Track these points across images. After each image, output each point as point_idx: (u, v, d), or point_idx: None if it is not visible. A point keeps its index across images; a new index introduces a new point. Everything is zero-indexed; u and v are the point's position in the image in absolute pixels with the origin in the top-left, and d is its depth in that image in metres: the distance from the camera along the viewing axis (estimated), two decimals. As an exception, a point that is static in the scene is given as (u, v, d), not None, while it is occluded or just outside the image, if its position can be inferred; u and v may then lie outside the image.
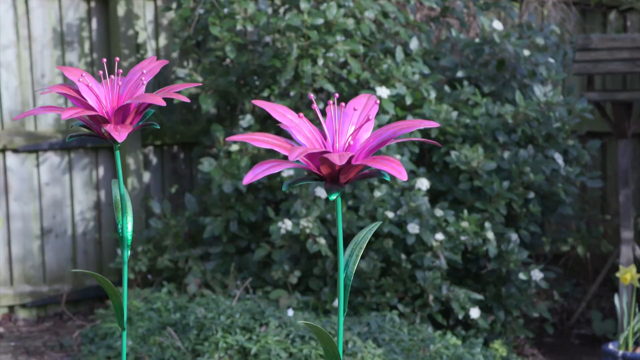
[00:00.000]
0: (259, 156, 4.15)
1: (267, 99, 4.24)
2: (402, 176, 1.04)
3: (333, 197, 1.11)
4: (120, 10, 4.53)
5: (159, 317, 3.61)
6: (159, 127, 1.43)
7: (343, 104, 1.15)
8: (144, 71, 1.43)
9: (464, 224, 3.82)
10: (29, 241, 4.49)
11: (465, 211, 3.89)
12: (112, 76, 1.44)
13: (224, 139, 4.26)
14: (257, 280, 4.04)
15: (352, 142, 1.13)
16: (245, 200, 4.17)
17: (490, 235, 3.85)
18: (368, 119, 1.13)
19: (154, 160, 4.76)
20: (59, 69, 1.49)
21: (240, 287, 3.92)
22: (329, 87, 4.09)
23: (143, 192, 4.64)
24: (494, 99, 4.42)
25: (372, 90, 4.11)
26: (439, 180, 4.14)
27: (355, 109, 1.15)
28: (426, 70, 4.23)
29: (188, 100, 1.33)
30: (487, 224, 3.89)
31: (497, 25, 4.43)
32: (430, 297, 3.79)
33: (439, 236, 3.79)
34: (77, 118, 1.44)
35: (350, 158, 1.09)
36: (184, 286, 4.06)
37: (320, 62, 4.09)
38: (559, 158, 4.17)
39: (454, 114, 4.13)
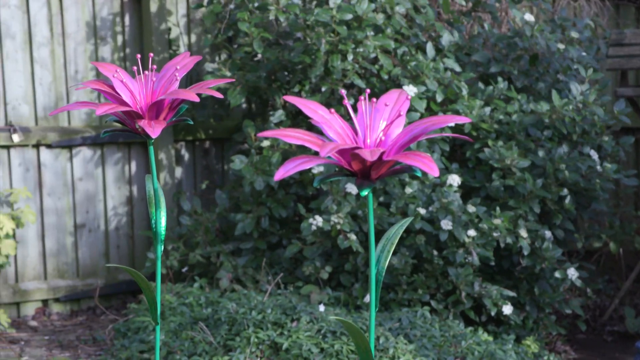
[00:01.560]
0: (290, 152, 4.15)
1: (298, 94, 4.24)
2: (434, 172, 1.04)
3: (364, 192, 1.11)
4: (153, 5, 4.55)
5: (190, 311, 3.63)
6: (192, 123, 1.44)
7: (375, 99, 1.15)
8: (178, 67, 1.44)
9: (497, 221, 3.81)
10: (62, 236, 4.52)
11: (498, 209, 3.87)
12: (146, 72, 1.45)
13: (256, 135, 4.28)
14: (288, 276, 4.05)
15: (383, 138, 1.13)
16: (276, 196, 4.17)
17: (523, 233, 3.83)
18: (399, 115, 1.13)
19: (185, 155, 4.78)
20: (94, 64, 1.50)
21: (271, 282, 3.93)
22: (360, 83, 4.09)
23: (175, 187, 4.66)
24: (527, 94, 4.39)
25: (403, 87, 4.10)
26: (471, 176, 4.13)
27: (386, 105, 1.16)
28: (457, 68, 4.22)
29: (221, 96, 1.34)
30: (520, 222, 3.87)
31: (529, 17, 4.40)
32: (463, 294, 3.78)
33: (472, 232, 3.77)
34: (111, 113, 1.45)
35: (382, 154, 1.09)
36: (215, 281, 4.08)
37: (350, 57, 4.08)
38: (594, 155, 4.14)
39: (487, 109, 4.12)
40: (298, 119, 4.37)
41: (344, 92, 1.14)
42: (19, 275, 4.43)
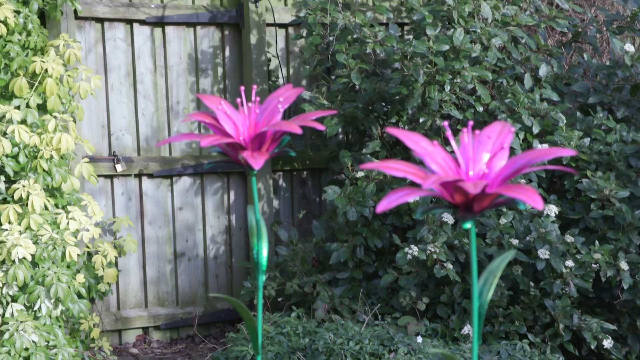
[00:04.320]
0: (385, 182, 4.16)
1: (396, 125, 4.25)
2: (538, 205, 1.03)
3: (467, 225, 1.11)
4: (253, 38, 4.62)
5: (288, 341, 3.65)
6: (294, 155, 1.46)
7: (477, 131, 1.15)
8: (281, 99, 1.46)
9: (597, 255, 3.75)
10: (162, 264, 4.59)
11: (597, 242, 3.81)
12: (250, 104, 1.47)
13: (352, 165, 4.30)
14: (384, 306, 4.04)
15: (486, 171, 1.13)
16: (372, 226, 4.18)
17: (624, 265, 3.77)
18: (502, 148, 1.13)
19: (283, 185, 4.82)
20: (198, 97, 1.53)
21: (368, 312, 3.92)
22: (457, 114, 4.08)
23: (273, 216, 4.70)
24: (627, 124, 4.33)
25: (498, 118, 4.09)
26: (570, 207, 4.08)
27: (489, 137, 1.16)
28: (555, 97, 4.19)
29: (323, 128, 1.35)
30: (620, 254, 3.80)
31: (629, 47, 4.35)
32: (561, 327, 3.72)
33: (569, 263, 3.72)
34: (215, 145, 1.48)
35: (485, 186, 1.09)
36: (312, 311, 4.09)
37: (447, 88, 4.08)
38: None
39: (586, 140, 4.07)
40: (395, 150, 4.38)
41: (446, 123, 1.14)
42: (121, 303, 4.51)
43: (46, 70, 3.81)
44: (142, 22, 4.49)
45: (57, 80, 3.85)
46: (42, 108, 3.91)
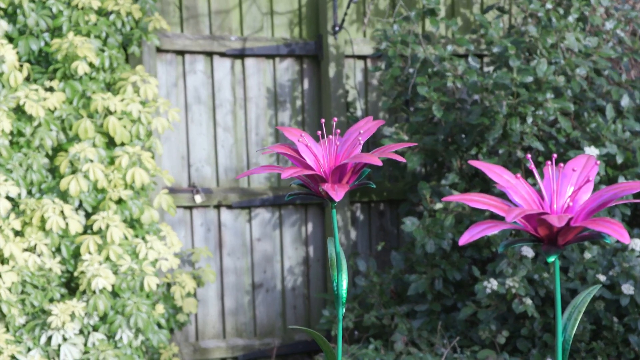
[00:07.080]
0: (464, 214, 4.13)
1: (475, 157, 4.23)
2: (625, 238, 1.02)
3: (551, 259, 1.09)
4: (331, 70, 4.64)
5: (365, 373, 3.63)
6: (374, 187, 1.46)
7: (562, 164, 1.14)
8: (361, 131, 1.46)
9: None
10: (240, 295, 4.61)
11: None
12: (330, 136, 1.48)
13: (431, 197, 4.28)
14: (463, 339, 4.01)
15: (571, 204, 1.12)
16: (450, 258, 4.15)
17: None
18: (588, 180, 1.12)
19: (361, 216, 4.82)
20: (279, 129, 1.54)
21: (447, 345, 3.89)
22: (538, 146, 4.04)
23: (350, 248, 4.69)
24: None
25: (581, 149, 4.03)
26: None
27: (574, 170, 1.14)
28: (638, 128, 4.12)
29: (403, 160, 1.35)
30: None
31: None
32: (646, 363, 3.65)
33: (654, 299, 3.65)
34: (295, 177, 1.48)
35: (570, 220, 1.08)
36: (390, 343, 4.07)
37: (529, 120, 4.05)
38: None
39: (671, 172, 4.00)
40: (474, 181, 4.35)
41: (529, 156, 1.13)
42: (199, 334, 4.54)
43: (108, 108, 3.87)
44: (223, 55, 4.54)
45: (130, 115, 3.90)
46: (114, 144, 3.98)
